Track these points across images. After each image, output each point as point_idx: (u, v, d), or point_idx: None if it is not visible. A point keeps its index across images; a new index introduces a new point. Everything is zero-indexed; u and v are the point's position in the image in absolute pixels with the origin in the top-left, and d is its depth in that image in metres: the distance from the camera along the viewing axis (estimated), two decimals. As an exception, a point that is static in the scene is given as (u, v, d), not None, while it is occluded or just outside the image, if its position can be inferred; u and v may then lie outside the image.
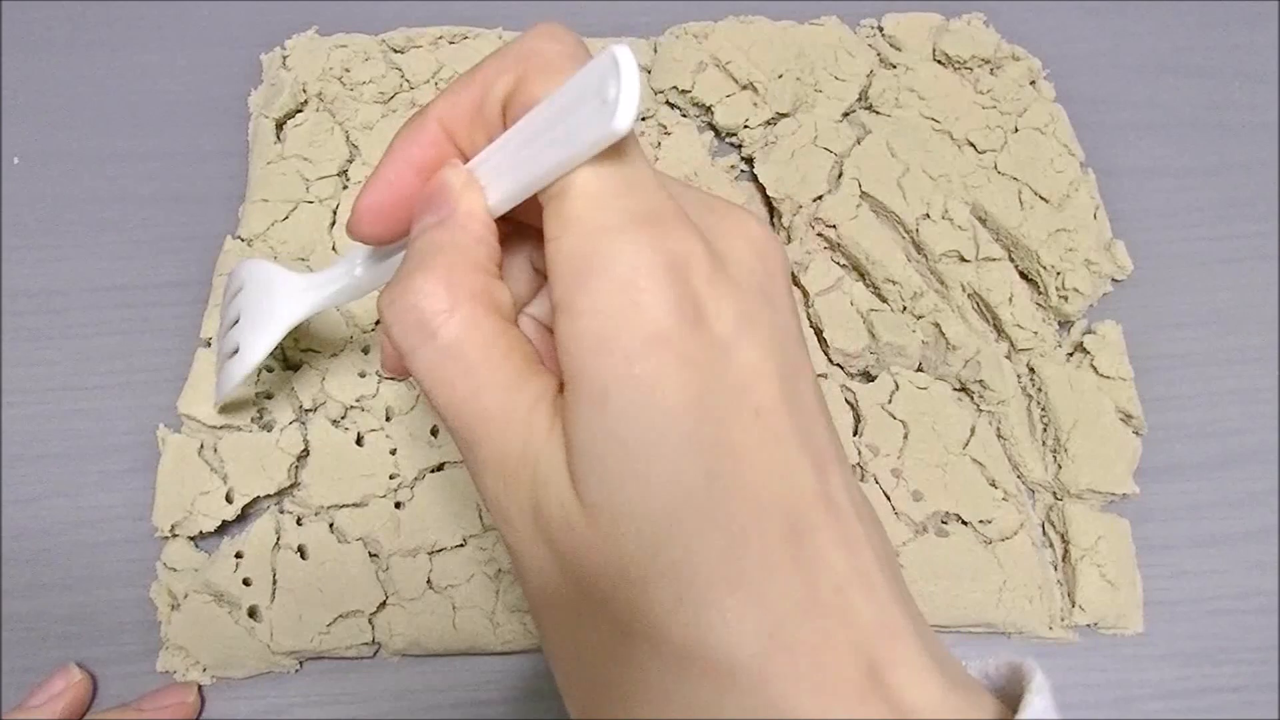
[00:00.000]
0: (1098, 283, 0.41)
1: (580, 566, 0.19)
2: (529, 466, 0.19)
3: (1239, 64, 0.49)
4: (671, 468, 0.18)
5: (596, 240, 0.19)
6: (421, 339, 0.20)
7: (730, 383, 0.18)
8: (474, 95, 0.21)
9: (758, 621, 0.18)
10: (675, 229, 0.19)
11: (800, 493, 0.19)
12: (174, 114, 0.45)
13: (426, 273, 0.20)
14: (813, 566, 0.18)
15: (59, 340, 0.40)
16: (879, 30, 0.47)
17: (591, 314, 0.18)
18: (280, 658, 0.34)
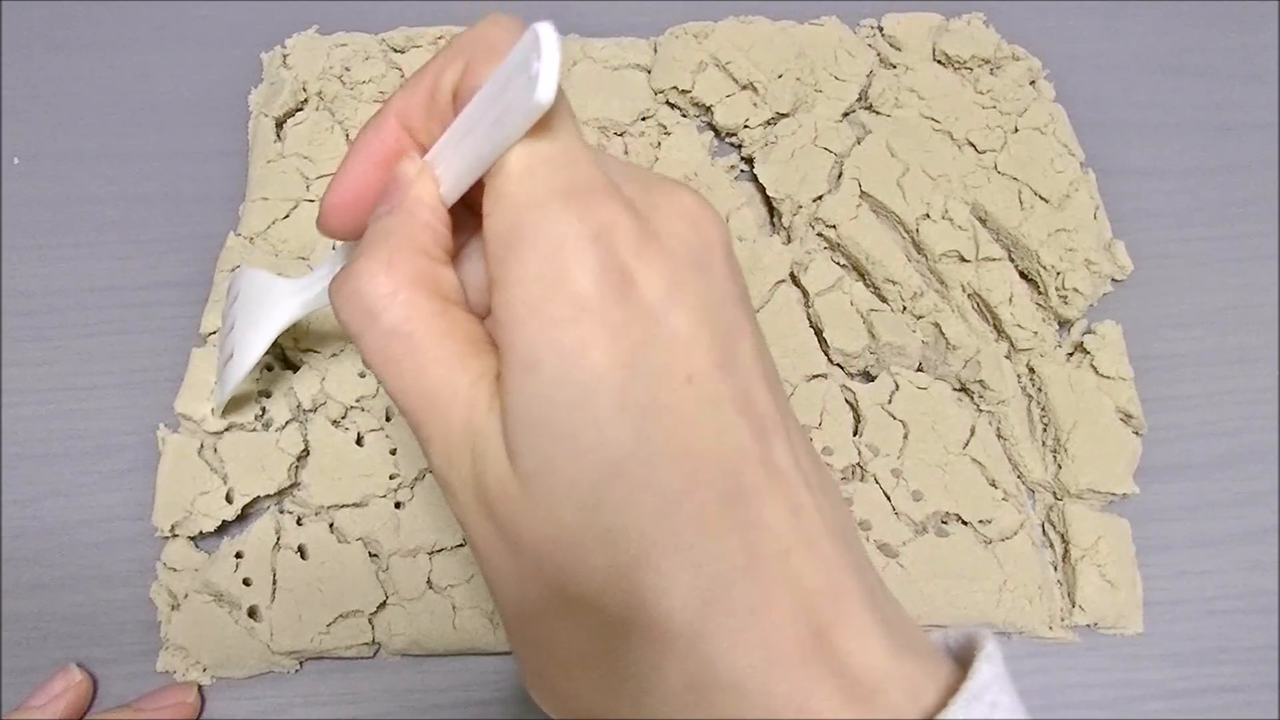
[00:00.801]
0: (1098, 283, 0.41)
1: (519, 536, 0.19)
2: (469, 441, 0.20)
3: (1239, 64, 0.49)
4: (601, 432, 0.18)
5: (524, 214, 0.19)
6: (367, 323, 0.20)
7: (660, 349, 0.19)
8: (426, 87, 0.22)
9: (693, 584, 0.18)
10: (602, 201, 0.19)
11: (738, 456, 0.19)
12: (174, 114, 0.45)
13: (369, 258, 0.21)
14: (752, 529, 0.18)
15: (59, 340, 0.40)
16: (879, 30, 0.47)
17: (519, 284, 0.19)
18: (280, 658, 0.34)
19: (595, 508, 0.18)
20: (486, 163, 0.20)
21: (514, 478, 0.19)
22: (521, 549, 0.20)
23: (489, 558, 0.21)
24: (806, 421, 0.37)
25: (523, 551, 0.20)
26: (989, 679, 0.18)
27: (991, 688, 0.18)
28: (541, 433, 0.18)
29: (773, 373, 0.21)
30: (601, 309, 0.18)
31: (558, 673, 0.20)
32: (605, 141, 0.43)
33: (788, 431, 0.20)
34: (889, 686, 0.18)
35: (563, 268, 0.18)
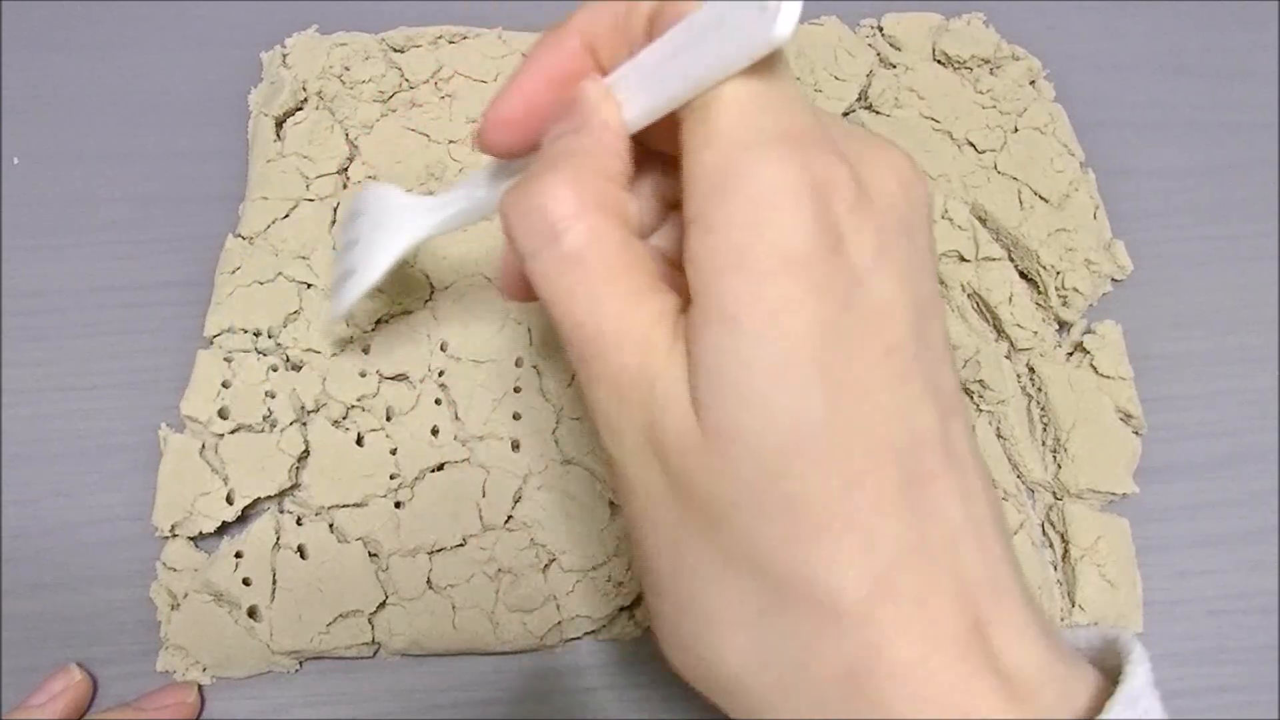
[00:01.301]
0: (1098, 283, 0.41)
1: (692, 489, 0.19)
2: (646, 384, 0.19)
3: (1239, 64, 0.49)
4: (795, 398, 0.17)
5: (739, 155, 0.18)
6: (544, 243, 0.19)
7: (863, 316, 0.18)
8: (618, 9, 0.21)
9: (867, 565, 0.17)
10: (821, 151, 0.18)
11: (922, 438, 0.18)
12: (174, 114, 0.45)
13: (555, 175, 0.19)
14: (927, 514, 0.18)
15: (59, 340, 0.40)
16: (879, 30, 0.47)
17: (726, 230, 0.18)
18: (280, 658, 0.34)
19: (779, 474, 0.18)
20: (687, 94, 0.19)
21: (697, 431, 0.18)
22: (693, 503, 0.19)
23: (648, 506, 0.20)
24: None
25: (694, 506, 0.19)
26: (1143, 684, 0.18)
27: (1146, 694, 0.18)
28: (734, 390, 0.18)
29: (950, 346, 0.21)
30: (810, 266, 0.17)
31: (705, 634, 0.19)
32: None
33: (963, 413, 0.20)
34: (1043, 686, 0.18)
35: (775, 217, 0.17)
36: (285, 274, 0.38)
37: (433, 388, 0.37)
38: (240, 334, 0.37)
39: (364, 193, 0.34)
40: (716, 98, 0.18)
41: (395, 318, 0.39)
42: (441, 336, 0.38)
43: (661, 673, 0.35)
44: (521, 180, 0.20)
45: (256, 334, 0.38)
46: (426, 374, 0.38)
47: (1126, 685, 0.18)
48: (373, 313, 0.38)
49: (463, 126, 0.42)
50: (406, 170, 0.41)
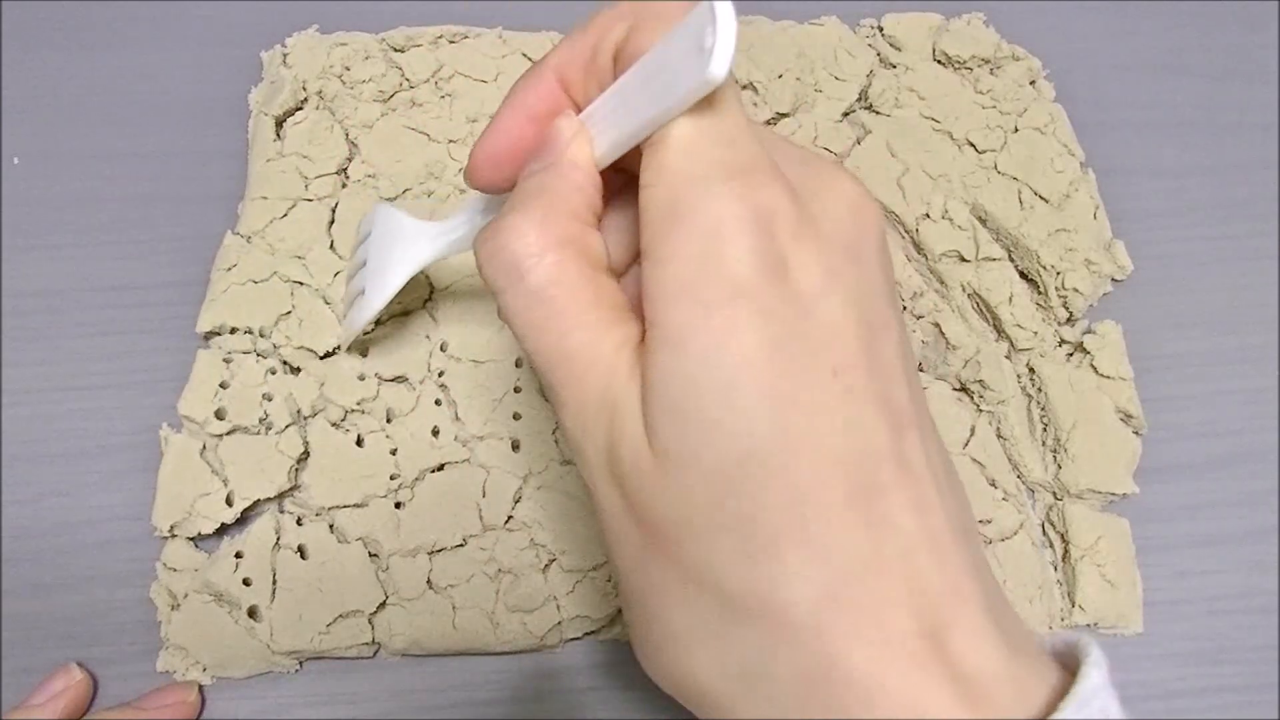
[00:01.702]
0: (1098, 283, 0.41)
1: (648, 511, 0.19)
2: (607, 410, 0.20)
3: (1239, 64, 0.49)
4: (742, 418, 0.18)
5: (685, 189, 0.19)
6: (511, 280, 0.20)
7: (809, 339, 0.19)
8: (588, 45, 0.22)
9: (818, 578, 0.18)
10: (765, 182, 0.19)
11: (873, 453, 0.19)
12: (174, 114, 0.45)
13: (521, 215, 0.21)
14: (879, 527, 0.18)
15: (59, 340, 0.40)
16: (879, 30, 0.47)
17: (674, 261, 0.19)
18: (280, 658, 0.34)
19: (728, 493, 0.18)
20: (646, 130, 0.20)
21: (649, 453, 0.19)
22: (649, 523, 0.20)
23: (613, 527, 0.21)
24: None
25: (650, 526, 0.20)
26: (1098, 684, 0.18)
27: (1100, 694, 0.18)
28: (682, 413, 0.18)
29: (912, 367, 0.21)
30: (755, 293, 0.18)
31: (672, 648, 0.20)
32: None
33: (921, 428, 0.20)
34: (1000, 689, 0.18)
35: (720, 248, 0.18)
36: (280, 273, 0.38)
37: (433, 388, 0.37)
38: (241, 335, 0.37)
39: (373, 215, 0.35)
40: (666, 135, 0.19)
41: (394, 319, 0.39)
42: (441, 337, 0.38)
43: (661, 673, 0.35)
44: (491, 221, 0.21)
45: (249, 332, 0.37)
46: (426, 375, 0.38)
47: (1080, 686, 0.18)
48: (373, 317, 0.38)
49: (463, 126, 0.42)
50: (406, 169, 0.41)
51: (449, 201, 0.41)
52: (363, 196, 0.41)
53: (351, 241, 0.39)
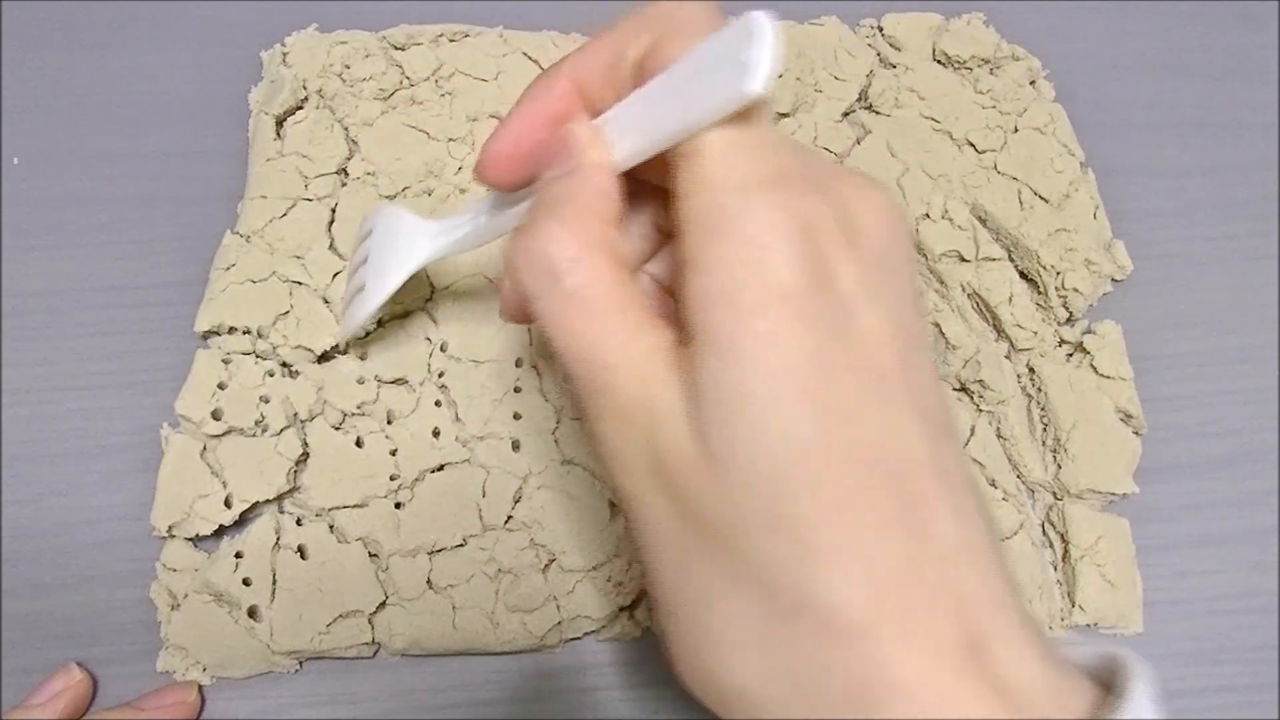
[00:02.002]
0: (1098, 283, 0.41)
1: (697, 512, 0.20)
2: (645, 413, 0.20)
3: (1239, 64, 0.49)
4: (789, 424, 0.18)
5: (727, 198, 0.19)
6: (548, 284, 0.21)
7: (852, 345, 0.19)
8: (609, 54, 0.22)
9: (866, 583, 0.18)
10: (805, 191, 0.19)
11: (913, 460, 0.19)
12: (174, 113, 0.45)
13: (556, 221, 0.21)
14: (923, 534, 0.19)
15: (59, 340, 0.40)
16: (879, 30, 0.47)
17: (718, 268, 0.19)
18: (280, 658, 0.34)
19: (777, 496, 0.19)
20: (671, 139, 0.20)
21: (700, 457, 0.19)
22: (699, 526, 0.20)
23: (655, 530, 0.21)
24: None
25: (699, 528, 0.20)
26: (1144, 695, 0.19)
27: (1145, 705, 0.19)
28: (731, 417, 0.19)
29: (937, 373, 0.22)
30: (799, 300, 0.19)
31: (713, 653, 0.20)
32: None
33: (952, 436, 0.21)
34: (1041, 699, 0.18)
35: (763, 255, 0.19)
36: (279, 273, 0.38)
37: (433, 389, 0.37)
38: (239, 335, 0.37)
39: (375, 213, 0.35)
40: (703, 144, 0.20)
41: (394, 320, 0.39)
42: (441, 337, 0.38)
43: (661, 673, 0.35)
44: (525, 226, 0.22)
45: (247, 332, 0.37)
46: (426, 375, 0.38)
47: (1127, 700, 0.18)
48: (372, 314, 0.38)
49: (463, 124, 0.42)
50: (406, 168, 0.41)
51: (449, 200, 0.41)
52: (362, 195, 0.41)
53: (351, 241, 0.39)
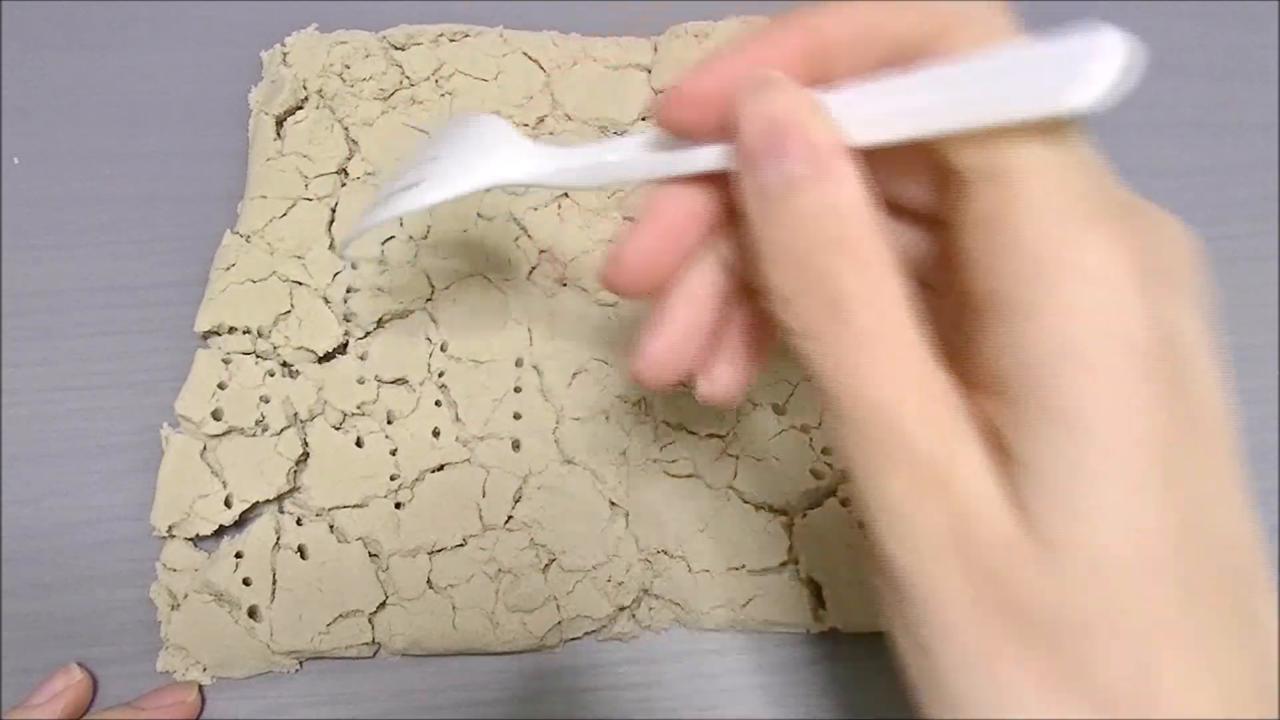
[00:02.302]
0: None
1: (1012, 603, 0.17)
2: (944, 477, 0.17)
3: (1239, 64, 0.49)
4: (1141, 510, 0.16)
5: (1063, 232, 0.16)
6: (829, 320, 0.18)
7: (1193, 411, 0.17)
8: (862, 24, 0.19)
9: (1215, 688, 0.16)
10: (1144, 228, 0.17)
11: (1246, 544, 0.17)
12: (174, 113, 0.45)
13: (836, 250, 0.18)
14: (1262, 634, 0.17)
15: (59, 340, 0.40)
16: (879, 30, 0.47)
17: (1054, 316, 0.16)
18: (280, 658, 0.34)
19: (1124, 594, 0.16)
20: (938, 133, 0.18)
21: (1024, 540, 0.17)
22: (1013, 619, 0.17)
23: (945, 614, 0.17)
24: (807, 421, 0.37)
25: (1013, 623, 0.17)
26: None
27: None
28: (1073, 499, 0.16)
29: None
30: (1151, 360, 0.16)
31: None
32: (605, 141, 0.43)
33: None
34: None
35: (1114, 304, 0.16)
36: (279, 273, 0.38)
37: (432, 389, 0.37)
38: (239, 335, 0.37)
39: (465, 115, 0.29)
40: (1021, 163, 0.17)
41: (394, 319, 0.39)
42: (441, 337, 0.38)
43: (661, 672, 0.35)
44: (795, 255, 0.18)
45: (247, 332, 0.37)
46: (426, 375, 0.38)
47: None
48: (372, 313, 0.38)
49: (463, 126, 0.42)
50: (406, 170, 0.41)
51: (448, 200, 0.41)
52: (363, 195, 0.41)
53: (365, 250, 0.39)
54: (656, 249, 0.22)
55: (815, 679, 0.35)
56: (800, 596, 0.35)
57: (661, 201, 0.22)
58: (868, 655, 0.35)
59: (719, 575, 0.35)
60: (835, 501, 0.36)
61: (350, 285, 0.39)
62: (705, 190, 0.21)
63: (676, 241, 0.22)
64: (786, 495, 0.36)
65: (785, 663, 0.35)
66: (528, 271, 0.40)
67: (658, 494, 0.36)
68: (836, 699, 0.35)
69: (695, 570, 0.35)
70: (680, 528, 0.36)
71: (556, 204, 0.41)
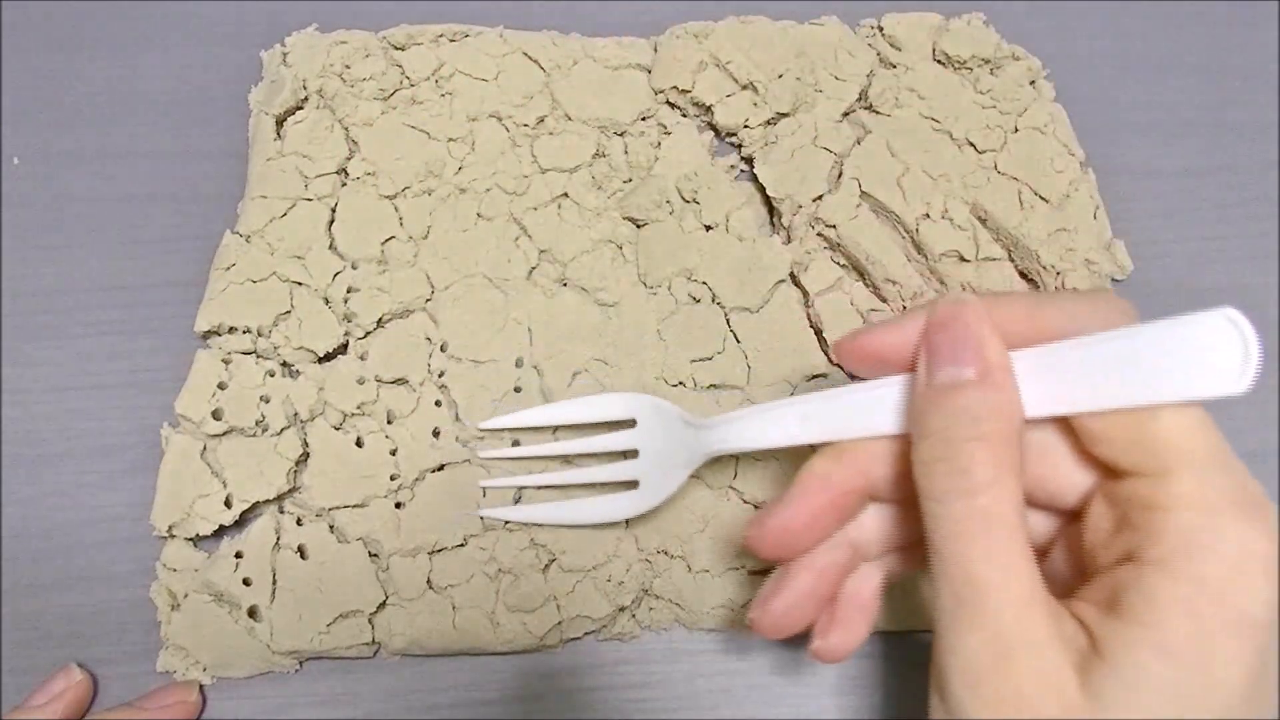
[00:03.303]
0: (1098, 283, 0.41)
1: None
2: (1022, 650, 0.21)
3: (1239, 64, 0.49)
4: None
5: (1213, 520, 0.20)
6: (959, 494, 0.22)
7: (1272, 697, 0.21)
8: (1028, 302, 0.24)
9: None
10: (1267, 518, 0.21)
11: None
12: (174, 113, 0.45)
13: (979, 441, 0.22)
14: None
15: (59, 340, 0.40)
16: (879, 30, 0.47)
17: (1190, 582, 0.20)
18: (280, 658, 0.34)
19: None
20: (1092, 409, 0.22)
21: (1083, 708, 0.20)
22: None
23: None
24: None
25: None
26: None
27: None
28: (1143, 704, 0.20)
29: None
30: (1259, 632, 0.20)
31: None
32: (605, 141, 0.43)
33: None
34: None
35: (1242, 583, 0.20)
36: (279, 273, 0.38)
37: (432, 389, 0.37)
38: (240, 335, 0.37)
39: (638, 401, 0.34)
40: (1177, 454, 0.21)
41: (394, 319, 0.39)
42: (441, 337, 0.38)
43: (661, 672, 0.35)
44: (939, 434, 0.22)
45: (247, 332, 0.37)
46: (426, 375, 0.38)
47: None
48: (372, 313, 0.38)
49: (463, 124, 0.42)
50: (406, 167, 0.41)
51: (449, 200, 0.41)
52: (362, 195, 0.41)
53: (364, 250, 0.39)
54: (801, 525, 0.25)
55: (816, 679, 0.35)
56: (800, 596, 0.35)
57: (813, 481, 0.25)
58: (868, 655, 0.35)
59: (719, 575, 0.35)
60: (835, 501, 0.36)
61: (350, 285, 0.39)
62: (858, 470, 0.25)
63: (820, 520, 0.25)
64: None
65: (785, 663, 0.35)
66: (528, 271, 0.40)
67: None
68: (837, 699, 0.35)
69: (695, 570, 0.35)
70: (680, 528, 0.36)
71: (556, 204, 0.41)
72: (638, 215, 0.41)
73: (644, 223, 0.41)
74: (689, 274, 0.40)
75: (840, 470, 0.25)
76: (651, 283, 0.40)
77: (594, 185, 0.42)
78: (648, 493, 0.33)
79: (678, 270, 0.40)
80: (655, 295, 0.39)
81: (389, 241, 0.40)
